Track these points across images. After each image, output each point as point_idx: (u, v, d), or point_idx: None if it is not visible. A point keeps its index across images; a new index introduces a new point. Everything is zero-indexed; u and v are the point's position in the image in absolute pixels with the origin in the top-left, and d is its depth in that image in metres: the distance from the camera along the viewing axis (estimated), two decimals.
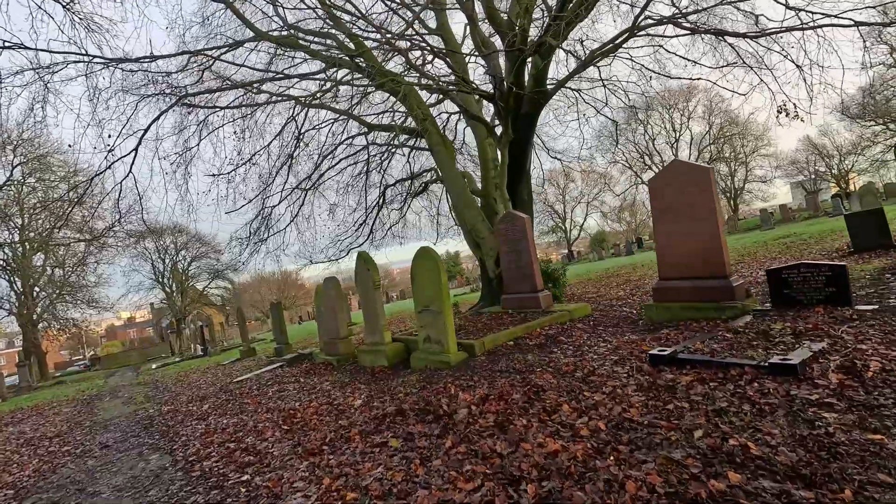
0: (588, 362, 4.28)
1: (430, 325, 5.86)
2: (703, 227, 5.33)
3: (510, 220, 7.80)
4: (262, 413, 5.47)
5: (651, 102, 10.62)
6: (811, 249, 10.54)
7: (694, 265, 5.45)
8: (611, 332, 5.70)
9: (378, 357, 6.81)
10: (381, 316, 7.00)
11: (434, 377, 5.12)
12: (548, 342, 5.66)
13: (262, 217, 11.43)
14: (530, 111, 8.72)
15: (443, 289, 5.61)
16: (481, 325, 7.11)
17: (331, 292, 8.27)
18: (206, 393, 8.41)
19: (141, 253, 30.18)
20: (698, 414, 2.70)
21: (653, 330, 5.30)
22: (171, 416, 6.83)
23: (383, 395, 4.93)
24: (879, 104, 30.40)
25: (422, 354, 5.93)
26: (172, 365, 18.56)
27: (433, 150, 9.54)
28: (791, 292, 4.72)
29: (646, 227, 51.55)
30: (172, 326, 33.89)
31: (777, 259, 9.91)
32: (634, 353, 4.24)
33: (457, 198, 9.51)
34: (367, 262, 7.09)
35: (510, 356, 5.26)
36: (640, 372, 3.64)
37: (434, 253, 5.84)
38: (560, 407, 3.27)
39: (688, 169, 5.43)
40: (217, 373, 11.61)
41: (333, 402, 5.13)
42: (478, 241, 9.45)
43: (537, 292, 7.50)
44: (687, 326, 5.01)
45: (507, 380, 4.25)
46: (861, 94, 30.30)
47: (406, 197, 14.77)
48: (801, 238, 13.63)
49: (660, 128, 43.41)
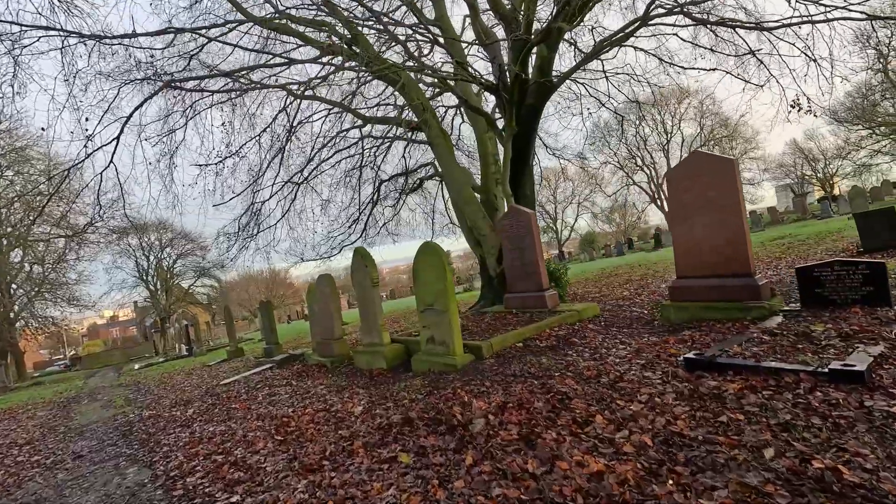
0: (611, 366, 3.94)
1: (433, 326, 5.48)
2: (725, 222, 5.02)
3: (514, 216, 7.45)
4: (253, 420, 5.04)
5: (655, 95, 10.34)
6: (815, 250, 10.34)
7: (715, 262, 5.14)
8: (626, 333, 5.37)
9: (376, 359, 6.41)
10: (380, 315, 6.60)
11: (440, 381, 4.74)
12: (560, 344, 5.32)
13: (252, 212, 10.94)
14: (535, 102, 8.38)
15: (448, 286, 5.23)
16: (485, 325, 6.75)
17: (325, 290, 7.84)
18: (191, 396, 7.92)
19: (124, 250, 29.29)
20: (760, 428, 2.36)
21: (672, 331, 4.98)
22: (153, 422, 6.35)
23: (385, 400, 4.53)
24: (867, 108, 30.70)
25: (424, 356, 5.55)
26: (156, 365, 17.91)
27: (433, 143, 9.16)
28: (823, 292, 4.43)
29: (636, 228, 51.74)
30: (156, 326, 33.01)
31: (782, 259, 9.69)
32: (662, 357, 3.91)
33: (456, 193, 9.14)
34: (364, 259, 6.68)
35: (521, 359, 4.91)
36: (676, 378, 3.30)
37: (439, 248, 5.46)
38: (592, 418, 2.91)
39: (710, 160, 5.12)
40: (203, 374, 11.09)
41: (331, 408, 4.71)
42: (478, 238, 9.08)
43: (543, 291, 7.16)
44: (710, 328, 4.69)
45: (524, 385, 3.89)
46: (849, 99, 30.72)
47: (400, 194, 14.38)
48: (798, 239, 13.46)
49: (651, 129, 43.47)
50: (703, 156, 5.16)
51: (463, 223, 9.91)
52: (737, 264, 4.99)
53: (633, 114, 18.46)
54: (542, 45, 7.98)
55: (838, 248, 9.83)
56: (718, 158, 5.08)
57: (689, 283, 5.35)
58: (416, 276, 5.69)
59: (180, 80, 8.33)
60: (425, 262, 5.54)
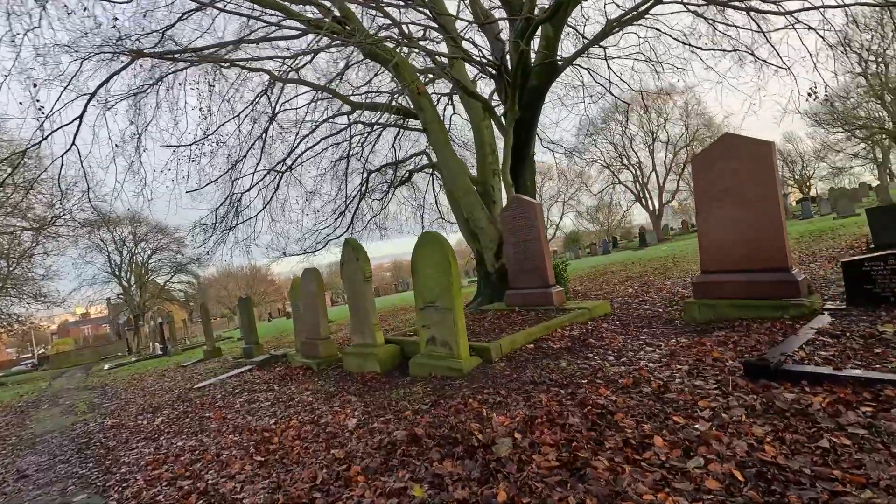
0: (648, 373, 3.41)
1: (435, 325, 4.89)
2: (759, 211, 4.56)
3: (518, 206, 6.90)
4: (228, 433, 4.39)
5: (663, 81, 9.93)
6: (818, 247, 10.07)
7: (747, 255, 4.67)
8: (648, 333, 4.88)
9: (368, 361, 5.79)
10: (372, 313, 5.99)
11: (445, 389, 4.17)
12: (576, 345, 4.79)
13: (231, 202, 10.16)
14: (539, 85, 7.84)
15: (453, 281, 4.66)
16: (488, 324, 6.19)
17: (311, 286, 7.18)
18: (161, 402, 7.19)
19: (95, 244, 27.87)
20: (885, 459, 1.85)
21: (701, 331, 4.50)
22: (115, 433, 5.62)
23: (384, 411, 3.94)
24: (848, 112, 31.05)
25: (425, 359, 4.96)
26: (127, 366, 16.92)
27: (427, 128, 8.55)
28: (875, 288, 3.98)
29: (619, 227, 51.94)
30: (130, 323, 31.61)
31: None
32: (706, 362, 3.40)
33: (452, 183, 8.55)
34: (356, 251, 6.06)
35: (536, 362, 4.36)
36: (737, 388, 2.78)
37: (442, 238, 4.87)
38: (649, 440, 2.37)
39: (743, 143, 4.64)
40: (176, 376, 10.30)
41: (319, 420, 4.10)
42: (475, 231, 8.52)
43: (549, 287, 6.63)
44: (746, 328, 4.21)
45: (549, 396, 3.34)
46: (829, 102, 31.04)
47: (389, 186, 13.73)
48: (791, 237, 13.23)
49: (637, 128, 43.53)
50: (737, 138, 4.68)
51: (458, 215, 9.34)
52: (772, 257, 4.53)
53: (637, 104, 18.07)
54: (546, 25, 7.44)
55: (842, 244, 9.56)
56: (754, 141, 4.60)
57: (716, 278, 4.88)
58: (416, 270, 5.10)
59: (152, 54, 7.55)
60: (426, 254, 4.95)
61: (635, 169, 44.00)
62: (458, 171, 8.51)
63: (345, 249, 6.24)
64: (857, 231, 11.66)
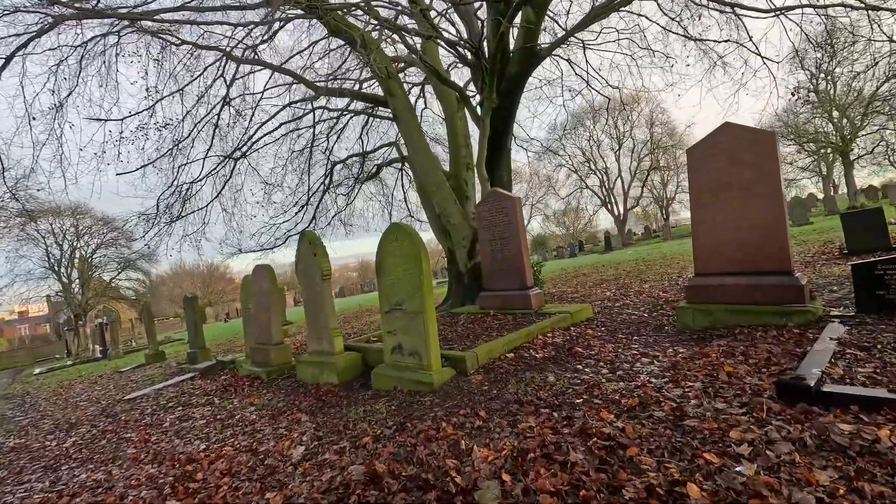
0: (654, 391, 2.89)
1: (402, 331, 4.24)
2: (761, 208, 4.16)
3: (495, 201, 6.35)
4: (146, 463, 3.59)
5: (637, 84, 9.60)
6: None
7: (747, 256, 4.27)
8: (639, 341, 4.40)
9: (325, 371, 5.08)
10: (331, 316, 5.27)
11: (413, 407, 3.53)
12: (561, 354, 4.25)
13: (177, 190, 9.15)
14: (518, 72, 7.32)
15: (424, 281, 4.03)
16: (461, 329, 5.59)
17: (262, 284, 6.38)
18: (82, 417, 6.21)
19: (31, 236, 25.58)
20: None
21: (699, 339, 4.05)
22: (12, 458, 4.67)
23: (338, 436, 3.26)
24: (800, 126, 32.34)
25: (389, 370, 4.30)
26: (61, 370, 15.36)
27: (397, 116, 7.88)
28: (888, 294, 3.63)
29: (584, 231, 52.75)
30: (70, 323, 29.25)
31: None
32: (718, 378, 2.91)
33: (424, 175, 7.92)
34: (313, 245, 5.33)
35: (518, 375, 3.79)
36: (773, 414, 2.29)
37: (412, 230, 4.23)
38: (682, 489, 1.82)
39: (745, 133, 4.24)
40: (109, 384, 9.18)
41: (258, 448, 3.37)
42: (447, 227, 7.92)
43: (527, 289, 6.11)
44: (750, 336, 3.78)
45: (540, 420, 2.76)
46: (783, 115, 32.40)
47: (355, 181, 12.97)
48: None
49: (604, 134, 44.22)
50: (737, 129, 4.28)
51: (429, 211, 8.72)
52: (773, 259, 4.14)
53: (611, 108, 17.90)
54: (528, 8, 6.94)
55: (812, 250, 9.53)
56: (755, 131, 4.21)
57: (712, 281, 4.46)
58: (381, 267, 4.43)
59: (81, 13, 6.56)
60: (393, 249, 4.30)
61: (602, 174, 44.72)
62: (431, 164, 7.89)
63: (300, 244, 5.50)
64: (817, 238, 11.80)
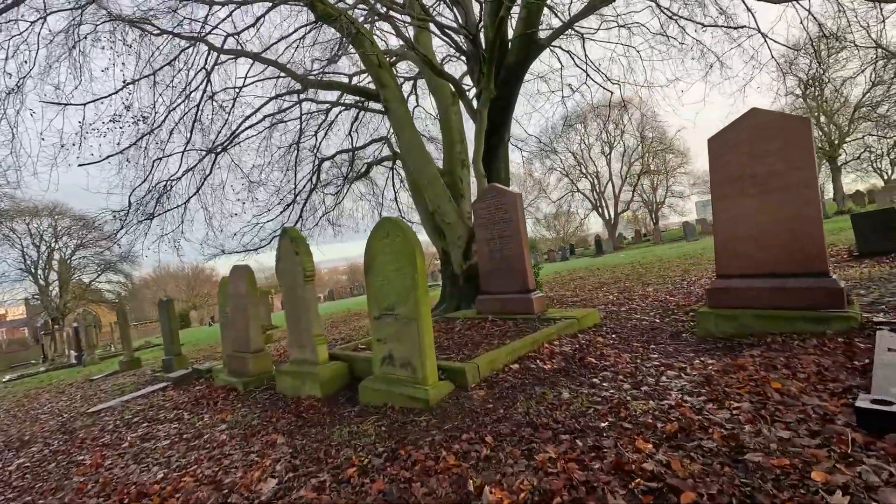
0: (694, 413, 2.44)
1: (393, 339, 3.75)
2: (795, 202, 3.75)
3: (495, 196, 5.89)
4: (91, 496, 3.05)
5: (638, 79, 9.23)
6: None
7: (777, 256, 3.86)
8: (657, 350, 3.96)
9: (306, 383, 4.56)
10: (315, 321, 4.76)
11: (407, 429, 3.04)
12: (572, 365, 3.79)
13: (151, 184, 8.55)
14: (518, 61, 6.89)
15: (419, 281, 3.54)
16: (458, 336, 5.10)
17: (240, 286, 5.85)
18: (38, 433, 5.60)
19: (6, 237, 24.62)
20: None
21: (725, 349, 3.62)
22: None
23: (318, 465, 2.76)
24: None
25: (379, 384, 3.80)
26: (32, 377, 14.60)
27: (389, 108, 7.40)
28: None
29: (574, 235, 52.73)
30: (47, 327, 28.22)
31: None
32: (769, 396, 2.47)
33: (417, 171, 7.44)
34: (295, 243, 4.82)
35: (528, 391, 3.31)
36: (856, 447, 1.84)
37: (404, 225, 3.75)
38: None
39: (774, 120, 3.83)
40: (77, 394, 8.53)
41: (223, 479, 2.85)
42: (441, 226, 7.45)
43: (528, 292, 5.65)
44: (785, 346, 3.36)
45: (561, 450, 2.28)
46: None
47: (344, 181, 12.46)
48: None
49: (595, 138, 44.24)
50: (766, 114, 3.87)
51: (422, 209, 8.24)
52: (808, 259, 3.73)
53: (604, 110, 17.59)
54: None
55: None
56: (787, 117, 3.80)
57: (736, 283, 4.04)
58: (370, 267, 3.94)
59: None
60: (384, 246, 3.81)
61: (593, 178, 44.69)
62: (425, 159, 7.42)
63: (281, 241, 4.98)
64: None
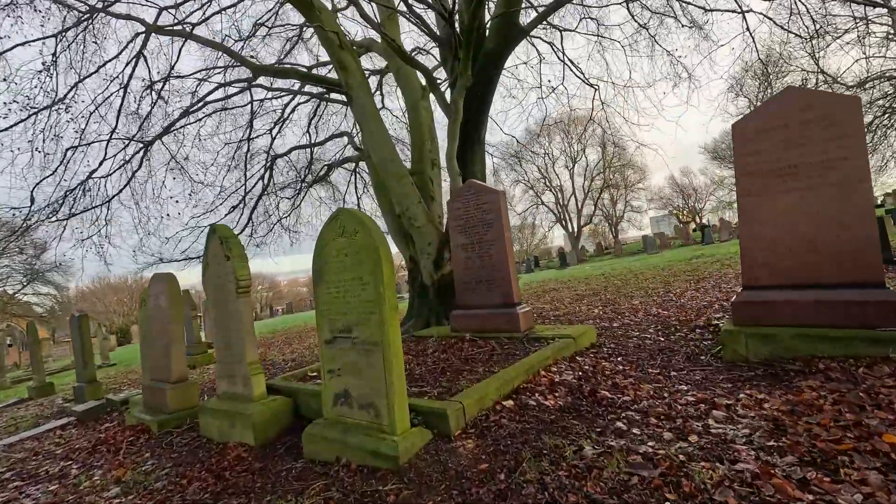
0: (797, 489, 1.64)
1: (350, 371, 2.80)
2: (842, 199, 3.11)
3: (475, 195, 5.06)
4: None
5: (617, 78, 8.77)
6: None
7: (819, 265, 3.20)
8: (679, 378, 3.19)
9: (236, 425, 3.51)
10: (250, 346, 3.73)
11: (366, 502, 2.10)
12: (581, 401, 2.96)
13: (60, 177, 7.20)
14: (495, 49, 6.17)
15: (385, 295, 2.63)
16: (431, 361, 4.18)
17: (160, 299, 4.72)
18: None
19: None
20: None
21: (768, 376, 2.90)
22: None
23: None
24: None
25: (331, 431, 2.83)
26: None
27: (351, 94, 6.50)
28: None
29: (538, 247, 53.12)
30: None
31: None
32: (860, 450, 1.71)
33: (382, 168, 6.53)
34: (226, 244, 3.79)
35: (532, 442, 2.44)
36: None
37: (366, 218, 2.83)
38: None
39: (813, 100, 3.20)
40: None
41: None
42: (410, 230, 6.56)
43: (513, 307, 4.82)
44: (846, 373, 2.66)
45: None
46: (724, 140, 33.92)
47: (301, 183, 11.39)
48: (714, 258, 12.75)
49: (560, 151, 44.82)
50: (807, 93, 3.24)
51: (386, 210, 7.32)
52: (859, 266, 3.09)
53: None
54: None
55: None
56: (832, 95, 3.18)
57: (772, 296, 3.35)
58: (321, 274, 2.99)
59: None
60: (340, 246, 2.88)
61: (557, 191, 45.13)
62: (391, 152, 6.53)
63: (209, 241, 3.94)
64: None
